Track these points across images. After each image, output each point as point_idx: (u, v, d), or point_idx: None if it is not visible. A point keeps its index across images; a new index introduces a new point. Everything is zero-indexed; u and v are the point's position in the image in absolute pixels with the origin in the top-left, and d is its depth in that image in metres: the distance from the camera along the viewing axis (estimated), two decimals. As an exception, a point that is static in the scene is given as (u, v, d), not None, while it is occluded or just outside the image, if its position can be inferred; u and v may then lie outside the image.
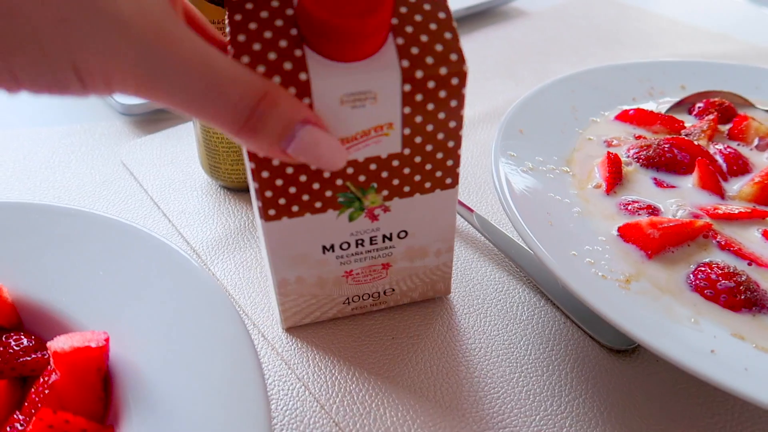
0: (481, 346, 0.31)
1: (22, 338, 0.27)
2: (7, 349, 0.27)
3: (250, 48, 0.23)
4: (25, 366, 0.27)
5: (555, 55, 0.61)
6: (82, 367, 0.24)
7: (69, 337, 0.25)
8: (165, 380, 0.25)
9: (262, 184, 0.26)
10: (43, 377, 0.25)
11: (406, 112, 0.25)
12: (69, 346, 0.24)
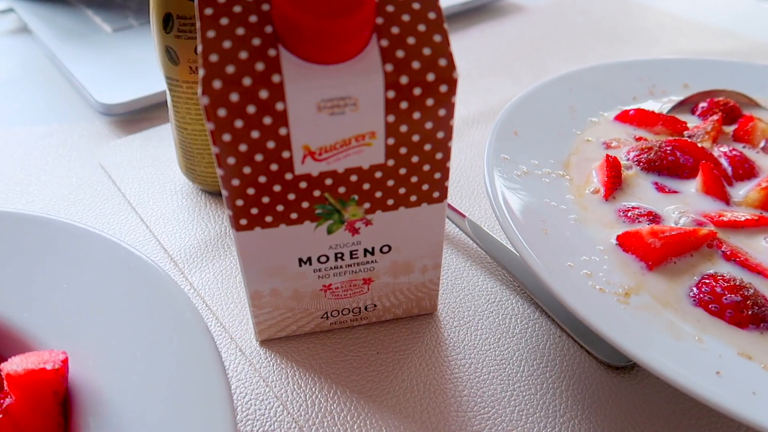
0: (470, 362, 0.30)
1: (-20, 357, 0.26)
2: (-37, 369, 0.25)
3: (220, 45, 0.22)
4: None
5: (553, 51, 0.59)
6: (37, 390, 0.23)
7: (24, 357, 0.23)
8: (128, 403, 0.23)
9: (232, 192, 0.24)
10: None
11: (389, 120, 0.23)
12: (23, 369, 0.23)
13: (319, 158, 0.24)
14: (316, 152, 0.24)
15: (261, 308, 0.29)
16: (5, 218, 0.30)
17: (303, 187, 0.24)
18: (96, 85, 0.48)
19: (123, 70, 0.51)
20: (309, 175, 0.24)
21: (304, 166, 0.24)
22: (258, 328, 0.30)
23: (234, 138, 0.22)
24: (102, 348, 0.25)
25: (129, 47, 0.55)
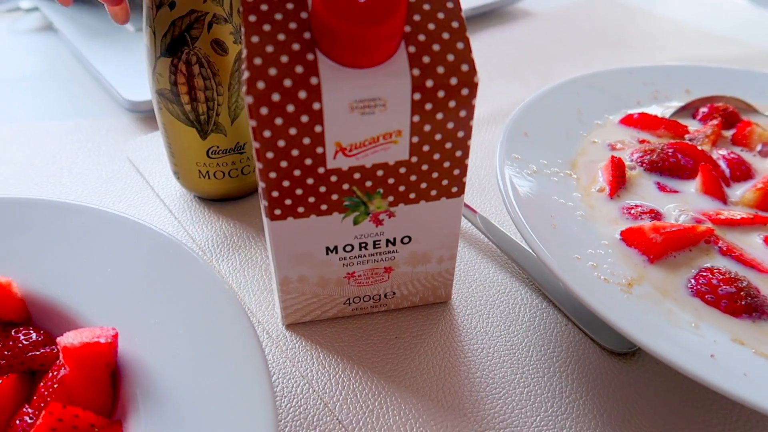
0: (483, 347, 0.32)
1: (31, 333, 0.28)
2: (16, 343, 0.27)
3: (263, 49, 0.24)
4: (33, 360, 0.27)
5: (560, 56, 0.61)
6: (91, 362, 0.25)
7: (78, 332, 0.25)
8: (172, 376, 0.25)
9: (269, 184, 0.26)
10: (52, 372, 0.26)
11: (415, 120, 0.25)
12: (78, 342, 0.25)
13: (350, 154, 0.26)
14: (347, 148, 0.26)
15: (289, 294, 0.31)
16: (50, 207, 0.32)
17: (333, 180, 0.27)
18: (122, 82, 0.50)
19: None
20: (339, 170, 0.26)
21: (335, 161, 0.26)
22: (285, 312, 0.32)
23: (273, 134, 0.25)
24: (145, 326, 0.27)
25: (152, 46, 0.57)
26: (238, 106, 0.36)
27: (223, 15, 0.33)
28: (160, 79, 0.34)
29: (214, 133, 0.36)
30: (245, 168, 0.39)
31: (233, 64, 0.34)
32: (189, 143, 0.37)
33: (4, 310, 0.28)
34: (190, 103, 0.35)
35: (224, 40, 0.33)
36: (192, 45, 0.33)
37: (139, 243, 0.30)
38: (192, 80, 0.34)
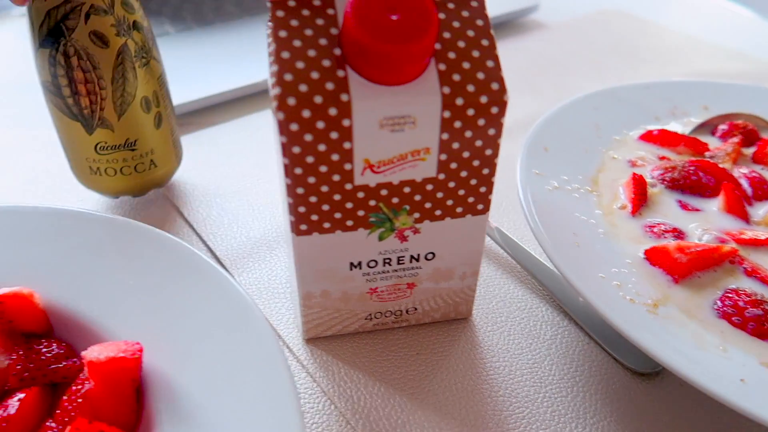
0: (504, 364, 0.31)
1: (53, 345, 0.28)
2: (39, 355, 0.27)
3: (294, 66, 0.24)
4: (56, 373, 0.27)
5: (574, 68, 0.61)
6: (116, 377, 0.25)
7: (104, 346, 0.25)
8: (196, 391, 0.25)
9: (296, 199, 0.26)
10: (76, 385, 0.26)
11: (444, 138, 0.25)
12: (105, 356, 0.25)
13: (377, 170, 0.26)
14: (375, 165, 0.26)
15: (311, 308, 0.31)
16: (71, 217, 0.32)
17: (360, 196, 0.26)
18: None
19: (163, 77, 0.53)
20: (367, 186, 0.26)
21: (363, 178, 0.26)
22: (306, 326, 0.32)
23: (303, 150, 0.24)
24: (168, 339, 0.27)
25: (168, 53, 0.57)
26: (124, 101, 0.34)
27: (102, 6, 0.32)
28: (42, 71, 0.34)
29: (100, 128, 0.35)
30: (138, 165, 0.37)
31: (116, 58, 0.33)
32: (76, 138, 0.36)
33: (26, 322, 0.28)
34: (72, 96, 0.34)
35: (104, 32, 0.32)
36: (68, 36, 0.32)
37: (161, 254, 0.30)
38: (71, 72, 0.33)
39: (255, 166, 0.45)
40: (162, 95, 0.37)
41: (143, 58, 0.34)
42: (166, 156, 0.39)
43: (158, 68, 0.36)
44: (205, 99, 0.50)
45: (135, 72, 0.34)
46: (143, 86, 0.35)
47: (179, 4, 0.66)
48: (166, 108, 0.37)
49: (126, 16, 0.33)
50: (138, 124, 0.36)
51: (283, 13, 0.24)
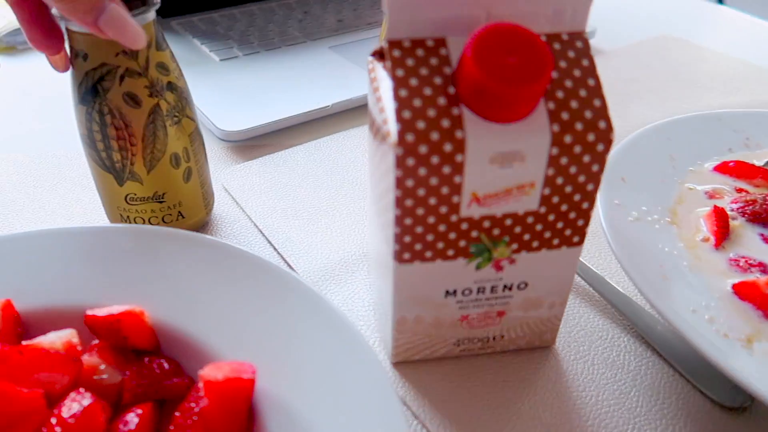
0: (590, 394, 0.32)
1: (164, 362, 0.29)
2: (151, 372, 0.29)
3: (411, 103, 0.25)
4: (167, 389, 0.28)
5: (634, 95, 0.62)
6: (232, 396, 0.26)
7: (218, 366, 0.26)
8: (307, 413, 0.26)
9: (403, 229, 0.27)
10: (189, 402, 0.27)
11: (549, 173, 0.26)
12: (222, 376, 0.26)
13: (483, 203, 0.27)
14: (482, 198, 0.26)
15: (403, 333, 0.32)
16: (175, 237, 0.33)
17: (464, 228, 0.27)
18: (215, 112, 0.52)
19: (236, 99, 0.55)
20: (471, 218, 0.27)
21: (468, 210, 0.27)
22: (396, 350, 0.32)
23: (415, 184, 0.25)
24: (275, 361, 0.28)
25: (237, 76, 0.59)
26: (153, 157, 0.36)
27: (136, 69, 0.33)
28: (80, 124, 0.35)
29: (131, 180, 0.37)
30: (166, 216, 0.39)
31: (147, 117, 0.35)
32: (109, 187, 0.37)
33: (137, 339, 0.29)
34: (105, 150, 0.35)
35: (137, 93, 0.34)
36: (104, 96, 0.33)
37: (261, 276, 0.31)
38: (105, 129, 0.34)
39: (330, 189, 0.46)
40: (193, 151, 0.38)
41: (175, 117, 0.36)
42: (194, 208, 0.40)
43: (191, 125, 0.38)
44: (276, 122, 0.52)
45: (166, 130, 0.35)
46: (173, 143, 0.36)
47: (245, 29, 0.68)
48: (197, 162, 0.39)
49: (160, 78, 0.34)
50: (167, 178, 0.37)
51: (399, 53, 0.26)
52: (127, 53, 0.33)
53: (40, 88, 0.60)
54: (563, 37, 0.27)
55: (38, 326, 0.31)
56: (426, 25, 0.26)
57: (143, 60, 0.33)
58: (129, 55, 0.33)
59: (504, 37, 0.24)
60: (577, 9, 0.26)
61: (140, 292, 0.31)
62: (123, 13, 0.29)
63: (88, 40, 0.32)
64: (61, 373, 0.26)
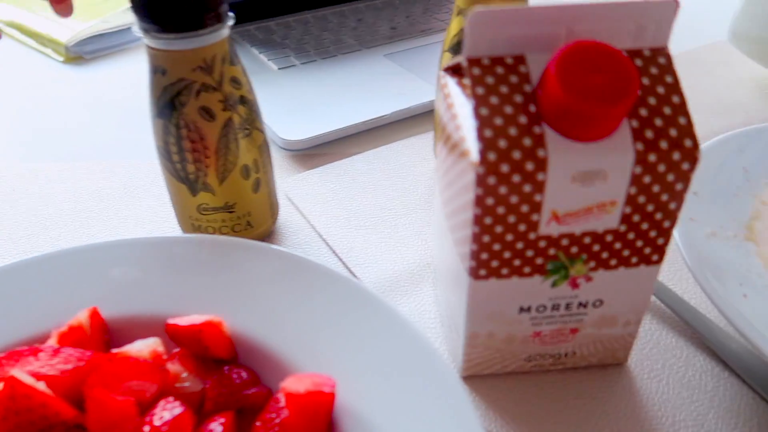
0: (666, 415, 0.31)
1: (242, 372, 0.30)
2: (231, 381, 0.29)
3: (492, 122, 0.25)
4: (247, 399, 0.29)
5: (699, 104, 0.60)
6: (313, 409, 0.26)
7: (299, 379, 0.27)
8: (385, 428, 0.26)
9: (480, 246, 0.27)
10: (270, 413, 0.27)
11: (631, 192, 0.26)
12: (303, 389, 0.26)
13: (562, 222, 0.27)
14: (561, 216, 0.26)
15: (474, 348, 0.32)
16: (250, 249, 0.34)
17: (542, 245, 0.27)
18: (276, 122, 0.53)
19: (295, 108, 0.56)
20: (550, 236, 0.27)
21: (547, 228, 0.27)
22: (466, 365, 0.33)
23: (496, 202, 0.26)
24: (352, 373, 0.28)
25: (295, 85, 0.60)
26: (226, 168, 0.37)
27: (212, 84, 0.34)
28: (157, 137, 0.36)
29: (203, 191, 0.37)
30: (236, 226, 0.40)
31: (221, 130, 0.35)
32: (182, 197, 0.38)
33: (217, 349, 0.30)
34: (180, 162, 0.36)
35: (212, 107, 0.35)
36: (180, 110, 0.34)
37: (335, 290, 0.32)
38: (181, 142, 0.35)
39: (390, 198, 0.47)
40: (262, 162, 0.39)
41: (246, 129, 0.37)
42: (262, 218, 0.41)
43: (260, 137, 0.39)
44: (336, 131, 0.53)
45: (237, 142, 0.36)
46: (244, 155, 0.37)
47: (301, 37, 0.69)
48: (265, 173, 0.40)
49: (233, 92, 0.35)
50: (237, 189, 0.38)
51: (479, 71, 0.26)
52: (204, 68, 0.34)
53: (107, 96, 0.62)
54: (645, 53, 0.26)
55: (121, 334, 0.32)
56: (505, 42, 0.26)
57: (218, 75, 0.34)
58: (205, 71, 0.34)
59: (588, 54, 0.24)
60: (661, 24, 0.26)
61: (218, 303, 0.32)
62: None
63: (167, 56, 0.33)
64: (150, 381, 0.27)
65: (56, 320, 0.31)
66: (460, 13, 0.40)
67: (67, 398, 0.27)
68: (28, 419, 0.25)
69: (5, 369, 0.27)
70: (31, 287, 0.33)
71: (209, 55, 0.33)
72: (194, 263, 0.34)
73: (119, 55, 0.70)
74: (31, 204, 0.47)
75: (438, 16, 0.74)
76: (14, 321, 0.31)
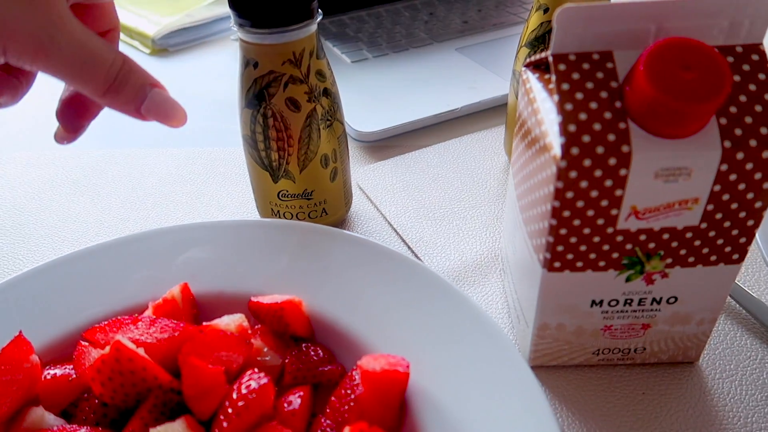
0: (738, 416, 0.31)
1: (319, 350, 0.31)
2: (308, 358, 0.31)
3: (577, 117, 0.25)
4: (323, 375, 0.31)
5: None
6: (387, 387, 0.28)
7: (375, 359, 0.28)
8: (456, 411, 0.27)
9: (557, 239, 0.28)
10: (345, 389, 0.29)
11: (715, 189, 0.26)
12: (379, 368, 0.28)
13: (642, 217, 0.27)
14: (641, 212, 0.26)
15: (543, 338, 0.32)
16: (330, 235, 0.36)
17: (619, 240, 0.27)
18: (349, 113, 0.55)
19: (368, 100, 0.57)
20: (628, 231, 0.27)
21: (626, 223, 0.27)
22: (533, 354, 0.33)
23: (575, 195, 0.26)
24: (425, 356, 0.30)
25: (367, 78, 0.61)
26: (307, 157, 0.38)
27: (299, 77, 0.36)
28: (243, 126, 0.38)
29: (284, 178, 0.39)
30: (312, 212, 0.41)
31: (305, 120, 0.37)
32: (264, 184, 0.40)
33: (296, 326, 0.32)
34: (265, 150, 0.38)
35: (298, 98, 0.36)
36: (269, 101, 0.36)
37: (410, 275, 0.33)
38: (267, 131, 0.37)
39: (460, 190, 0.48)
40: (340, 152, 0.41)
41: (327, 120, 0.38)
42: (337, 206, 0.42)
43: (340, 128, 0.40)
44: (407, 124, 0.54)
45: (319, 133, 0.38)
46: (325, 145, 0.39)
47: (374, 31, 0.70)
48: (342, 163, 0.41)
49: (318, 85, 0.37)
50: (316, 177, 0.40)
51: (564, 67, 0.26)
52: (293, 62, 0.35)
53: (190, 87, 0.65)
54: (737, 49, 0.26)
55: (208, 309, 0.34)
56: (593, 39, 0.26)
57: (305, 68, 0.36)
58: (294, 64, 0.36)
59: (679, 51, 0.24)
60: (756, 21, 0.25)
61: (298, 284, 0.34)
62: (164, 97, 0.30)
63: (260, 50, 0.35)
64: (237, 353, 0.29)
65: (152, 294, 0.34)
66: (539, 8, 0.40)
67: (162, 365, 0.29)
68: (131, 381, 0.27)
69: (110, 335, 0.30)
70: (128, 263, 0.36)
71: (298, 49, 0.35)
72: (276, 246, 0.36)
73: (202, 47, 0.73)
74: (122, 187, 0.50)
75: (510, 9, 0.74)
76: (114, 293, 0.34)
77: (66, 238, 0.45)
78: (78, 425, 0.28)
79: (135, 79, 0.29)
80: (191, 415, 0.27)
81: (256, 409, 0.26)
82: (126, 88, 0.29)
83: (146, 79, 0.30)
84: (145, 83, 0.30)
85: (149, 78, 0.30)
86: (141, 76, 0.30)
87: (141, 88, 0.29)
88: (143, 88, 0.29)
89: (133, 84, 0.29)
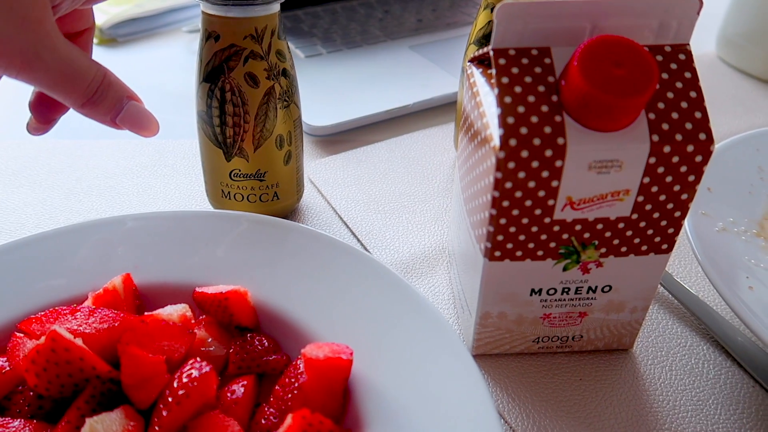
0: (668, 399, 0.32)
1: (264, 340, 0.31)
2: (253, 348, 0.31)
3: (515, 110, 0.26)
4: (267, 364, 0.31)
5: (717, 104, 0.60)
6: (331, 375, 0.28)
7: (319, 347, 0.29)
8: (398, 398, 0.28)
9: (497, 228, 0.28)
10: (288, 378, 0.29)
11: (645, 181, 0.27)
12: (323, 355, 0.28)
13: (577, 207, 0.28)
14: (576, 202, 0.28)
15: (485, 327, 0.33)
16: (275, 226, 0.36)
17: (556, 230, 0.28)
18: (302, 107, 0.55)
19: (321, 95, 0.57)
20: (564, 221, 0.28)
21: (562, 213, 0.28)
22: (476, 343, 0.34)
23: (514, 186, 0.27)
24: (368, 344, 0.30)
25: (321, 73, 0.61)
26: (262, 136, 0.39)
27: (259, 53, 0.36)
28: (200, 101, 0.38)
29: (238, 156, 0.39)
30: (263, 195, 0.41)
31: (263, 97, 0.37)
32: (216, 163, 0.40)
33: (241, 317, 0.32)
34: (220, 126, 0.38)
35: (257, 74, 0.37)
36: (228, 74, 0.36)
37: (355, 266, 0.33)
38: (224, 106, 0.37)
39: (409, 185, 0.48)
40: (295, 136, 0.41)
41: (285, 101, 0.39)
42: (289, 191, 0.42)
43: (296, 112, 0.40)
44: (359, 119, 0.54)
45: (276, 112, 0.38)
46: (280, 125, 0.39)
47: (328, 27, 0.70)
48: (296, 148, 0.41)
49: (277, 64, 0.37)
50: (270, 158, 0.40)
51: (504, 61, 0.27)
52: (254, 37, 0.36)
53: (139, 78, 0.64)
54: (666, 49, 0.27)
55: (152, 300, 0.34)
56: (532, 35, 0.27)
57: (266, 45, 0.36)
58: (255, 39, 0.36)
59: (611, 48, 0.25)
60: (683, 23, 0.27)
61: (244, 274, 0.34)
62: (139, 109, 0.32)
63: (222, 22, 0.35)
64: (179, 343, 0.29)
65: (92, 284, 0.33)
66: (487, 7, 0.41)
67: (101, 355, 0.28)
68: (67, 371, 0.27)
69: (46, 326, 0.29)
70: (69, 253, 0.35)
71: (261, 26, 0.35)
72: (223, 237, 0.36)
73: (152, 39, 0.71)
74: (66, 179, 0.49)
75: (464, 9, 0.75)
76: (53, 283, 0.33)
77: (3, 229, 0.44)
78: (11, 418, 0.27)
79: (113, 93, 0.31)
80: (130, 405, 0.27)
81: (197, 397, 0.26)
82: (104, 101, 0.31)
83: (123, 92, 0.31)
84: (122, 96, 0.31)
85: (126, 90, 0.32)
86: (119, 89, 0.31)
87: (118, 100, 0.31)
88: (120, 101, 0.31)
89: (111, 97, 0.31)
